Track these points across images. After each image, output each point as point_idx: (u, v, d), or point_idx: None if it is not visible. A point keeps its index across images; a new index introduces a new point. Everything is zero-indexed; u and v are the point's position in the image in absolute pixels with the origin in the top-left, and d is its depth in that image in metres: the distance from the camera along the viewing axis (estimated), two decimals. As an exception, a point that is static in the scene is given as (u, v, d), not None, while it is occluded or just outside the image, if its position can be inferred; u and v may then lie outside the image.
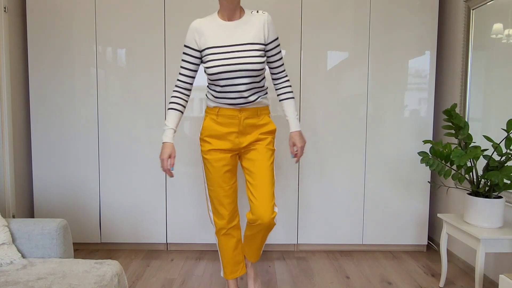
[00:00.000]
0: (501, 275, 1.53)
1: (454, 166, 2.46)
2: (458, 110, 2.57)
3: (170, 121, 1.79)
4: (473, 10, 2.43)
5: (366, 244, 2.84)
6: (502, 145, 2.16)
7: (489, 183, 2.01)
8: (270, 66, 1.87)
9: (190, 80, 1.82)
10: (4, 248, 1.60)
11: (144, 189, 2.76)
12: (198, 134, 2.71)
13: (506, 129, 1.94)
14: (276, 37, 1.79)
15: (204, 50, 1.74)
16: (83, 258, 2.64)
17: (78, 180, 2.75)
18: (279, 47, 1.83)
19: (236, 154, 1.87)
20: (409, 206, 2.79)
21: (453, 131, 2.68)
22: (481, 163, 2.24)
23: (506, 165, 1.92)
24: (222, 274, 2.03)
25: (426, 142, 2.22)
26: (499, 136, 2.16)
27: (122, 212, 2.77)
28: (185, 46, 1.79)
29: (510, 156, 1.93)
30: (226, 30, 1.74)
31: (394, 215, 2.79)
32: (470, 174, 2.10)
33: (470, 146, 2.10)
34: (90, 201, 2.76)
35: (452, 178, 2.12)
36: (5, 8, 2.33)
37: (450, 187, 2.69)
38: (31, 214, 2.83)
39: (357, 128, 2.74)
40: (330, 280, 2.36)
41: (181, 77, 1.82)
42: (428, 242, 2.99)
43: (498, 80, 2.21)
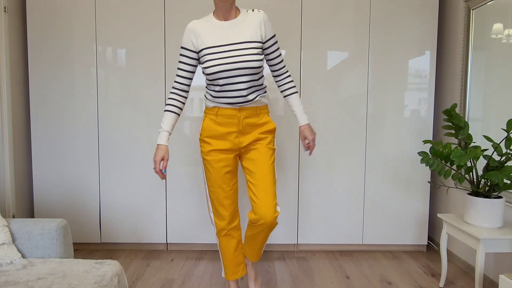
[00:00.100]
0: (501, 275, 1.53)
1: (454, 166, 2.46)
2: (458, 110, 2.57)
3: (166, 123, 1.79)
4: (473, 10, 2.43)
5: (366, 244, 2.84)
6: (502, 145, 2.16)
7: (489, 183, 2.01)
8: (271, 64, 1.86)
9: (187, 81, 1.82)
10: (4, 248, 1.60)
11: (144, 189, 2.76)
12: (198, 134, 2.71)
13: (506, 129, 1.94)
14: (273, 34, 1.79)
15: (201, 51, 1.74)
16: (83, 258, 2.64)
17: (78, 180, 2.75)
18: (277, 44, 1.83)
19: (236, 154, 1.87)
20: (409, 206, 2.79)
21: (453, 131, 2.68)
22: (481, 163, 2.24)
23: (506, 165, 1.92)
24: (223, 274, 2.03)
25: (426, 142, 2.22)
26: (499, 136, 2.16)
27: (122, 212, 2.77)
28: (181, 47, 1.79)
29: (510, 156, 1.93)
30: (223, 30, 1.74)
31: (394, 215, 2.79)
32: (470, 174, 2.10)
33: (470, 146, 2.10)
34: (90, 201, 2.76)
35: (452, 178, 2.12)
36: (5, 8, 2.33)
37: (450, 187, 2.69)
38: (31, 214, 2.83)
39: (357, 128, 2.74)
40: (330, 280, 2.36)
41: (178, 78, 1.81)
42: (428, 242, 2.99)
43: (498, 80, 2.21)
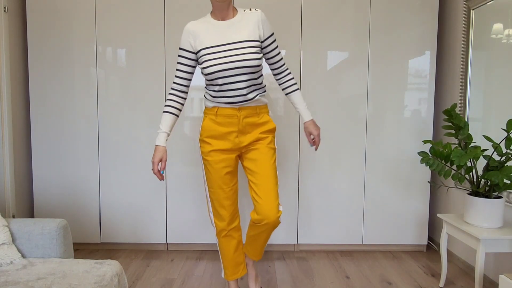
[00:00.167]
0: (501, 275, 1.53)
1: (454, 166, 2.46)
2: (458, 110, 2.57)
3: (164, 124, 1.79)
4: (473, 10, 2.43)
5: (366, 244, 2.84)
6: (502, 145, 2.16)
7: (489, 183, 2.01)
8: (270, 62, 1.86)
9: (186, 82, 1.82)
10: (4, 248, 1.60)
11: (144, 189, 2.76)
12: (197, 134, 2.70)
13: (506, 129, 1.94)
14: (271, 32, 1.79)
15: (199, 51, 1.74)
16: (83, 258, 2.64)
17: (78, 180, 2.75)
18: (276, 42, 1.82)
19: (236, 154, 1.87)
20: (409, 206, 2.79)
21: (453, 131, 2.68)
22: (481, 163, 2.24)
23: (506, 165, 1.92)
24: (223, 275, 2.03)
25: (426, 142, 2.22)
26: (499, 136, 2.16)
27: (122, 212, 2.77)
28: (180, 49, 1.79)
29: (510, 156, 1.93)
30: (220, 29, 1.74)
31: (394, 215, 2.79)
32: (470, 174, 2.10)
33: (470, 146, 2.10)
34: (90, 201, 2.76)
35: (452, 178, 2.12)
36: (5, 8, 2.33)
37: (450, 187, 2.69)
38: (31, 214, 2.83)
39: (357, 128, 2.74)
40: (330, 280, 2.36)
41: (177, 79, 1.81)
42: (428, 242, 2.99)
43: (498, 80, 2.21)
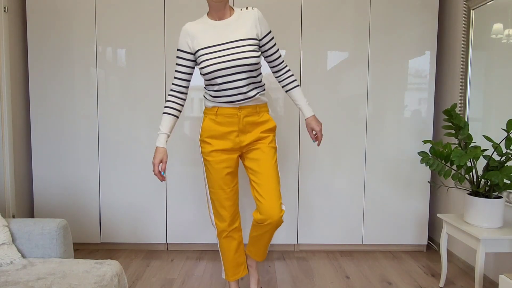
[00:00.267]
0: (501, 275, 1.53)
1: (454, 166, 2.46)
2: (458, 110, 2.57)
3: (164, 125, 1.79)
4: (473, 10, 2.43)
5: (366, 244, 2.84)
6: (502, 145, 2.16)
7: (489, 183, 2.01)
8: (269, 60, 1.85)
9: (185, 83, 1.82)
10: (4, 248, 1.60)
11: (144, 189, 2.76)
12: (197, 135, 2.70)
13: (506, 129, 1.94)
14: (269, 30, 1.79)
15: (197, 51, 1.74)
16: (83, 258, 2.64)
17: (78, 180, 2.75)
18: (274, 40, 1.82)
19: (238, 155, 1.87)
20: (409, 206, 2.79)
21: (453, 131, 2.68)
22: (481, 163, 2.24)
23: (506, 165, 1.92)
24: (223, 276, 2.02)
25: (426, 142, 2.22)
26: (499, 136, 2.16)
27: (122, 212, 2.77)
28: (178, 50, 1.79)
29: (510, 156, 1.93)
30: (218, 29, 1.74)
31: (394, 215, 2.79)
32: (470, 174, 2.10)
33: (470, 146, 2.10)
34: (90, 201, 2.76)
35: (452, 178, 2.12)
36: (5, 8, 2.33)
37: (450, 187, 2.69)
38: (31, 214, 2.83)
39: (357, 128, 2.74)
40: (330, 280, 2.36)
41: (176, 81, 1.81)
42: (428, 242, 2.99)
43: (498, 80, 2.21)
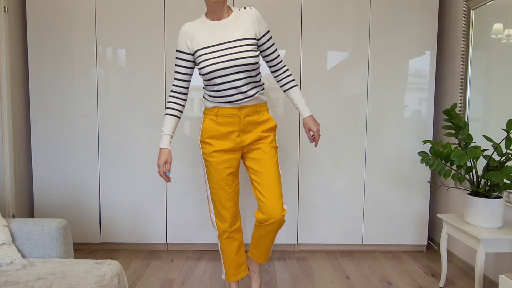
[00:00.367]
0: (501, 275, 1.53)
1: (454, 166, 2.46)
2: (458, 110, 2.57)
3: (167, 127, 1.80)
4: (473, 10, 2.43)
5: (366, 244, 2.84)
6: (502, 145, 2.16)
7: (489, 183, 2.01)
8: (268, 59, 1.85)
9: (185, 84, 1.82)
10: (4, 248, 1.60)
11: (144, 189, 2.76)
12: (197, 135, 2.70)
13: (506, 129, 1.94)
14: (267, 30, 1.79)
15: (196, 52, 1.74)
16: (83, 258, 2.64)
17: (78, 180, 2.75)
18: (272, 39, 1.82)
19: (239, 155, 1.86)
20: (409, 206, 2.79)
21: (453, 131, 2.68)
22: (481, 163, 2.24)
23: (506, 165, 1.92)
24: (223, 277, 2.02)
25: (426, 142, 2.22)
26: (499, 136, 2.16)
27: (122, 212, 2.77)
28: (177, 51, 1.79)
29: (510, 156, 1.93)
30: (216, 29, 1.74)
31: (394, 215, 2.79)
32: (470, 174, 2.10)
33: (470, 146, 2.10)
34: (90, 201, 2.76)
35: (452, 178, 2.12)
36: (5, 8, 2.33)
37: (450, 187, 2.69)
38: (31, 214, 2.83)
39: (357, 128, 2.74)
40: (330, 280, 2.36)
41: (176, 81, 1.81)
42: (428, 242, 2.99)
43: (498, 80, 2.21)
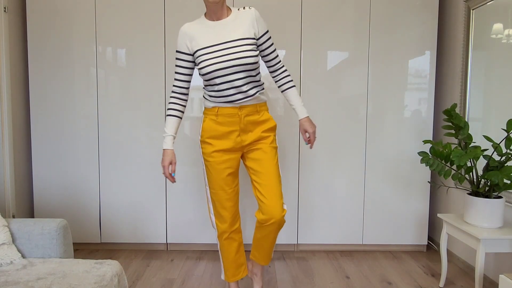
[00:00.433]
0: (501, 275, 1.53)
1: (454, 166, 2.46)
2: (458, 110, 2.57)
3: (169, 127, 1.80)
4: (473, 10, 2.43)
5: (366, 244, 2.84)
6: (502, 145, 2.16)
7: (489, 183, 2.01)
8: (266, 59, 1.85)
9: (186, 84, 1.82)
10: (4, 248, 1.60)
11: (144, 189, 2.76)
12: (197, 135, 2.70)
13: (506, 129, 1.94)
14: (266, 30, 1.79)
15: (196, 52, 1.74)
16: (83, 258, 2.64)
17: (78, 180, 2.75)
18: (271, 39, 1.83)
19: (239, 155, 1.86)
20: (409, 206, 2.79)
21: (453, 131, 2.68)
22: (481, 163, 2.24)
23: (506, 165, 1.92)
24: (223, 277, 2.02)
25: (426, 142, 2.22)
26: (499, 136, 2.16)
27: (122, 212, 2.77)
28: (177, 51, 1.79)
29: (510, 156, 1.93)
30: (216, 29, 1.74)
31: (394, 215, 2.79)
32: (470, 174, 2.10)
33: (470, 146, 2.10)
34: (90, 201, 2.76)
35: (452, 178, 2.12)
36: (5, 8, 2.33)
37: (450, 187, 2.69)
38: (31, 214, 2.83)
39: (357, 128, 2.74)
40: (330, 280, 2.36)
41: (176, 82, 1.82)
42: (428, 242, 2.99)
43: (498, 80, 2.21)
